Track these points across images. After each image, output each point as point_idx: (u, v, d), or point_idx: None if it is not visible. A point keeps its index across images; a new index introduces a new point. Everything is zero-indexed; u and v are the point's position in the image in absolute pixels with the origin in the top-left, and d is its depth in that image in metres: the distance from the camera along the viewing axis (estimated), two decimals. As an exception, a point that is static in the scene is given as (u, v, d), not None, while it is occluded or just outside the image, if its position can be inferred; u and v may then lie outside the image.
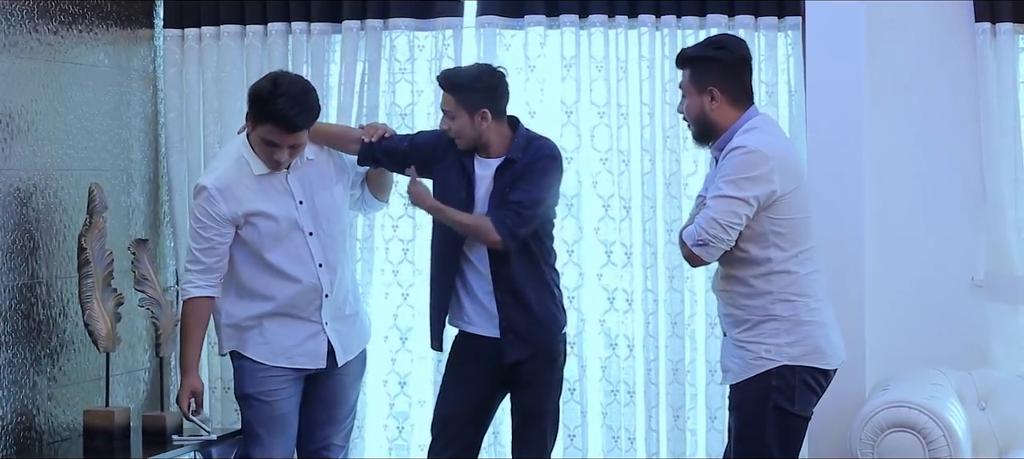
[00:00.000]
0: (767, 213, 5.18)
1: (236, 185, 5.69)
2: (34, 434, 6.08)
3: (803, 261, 5.25)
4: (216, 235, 5.69)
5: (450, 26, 6.80)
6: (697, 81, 5.31)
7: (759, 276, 5.22)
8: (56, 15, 6.31)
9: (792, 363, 5.22)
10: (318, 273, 5.75)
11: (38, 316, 6.12)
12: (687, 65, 5.36)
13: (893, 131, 6.65)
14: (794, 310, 5.22)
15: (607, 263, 6.72)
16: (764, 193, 5.15)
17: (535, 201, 5.71)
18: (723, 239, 5.15)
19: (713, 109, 5.29)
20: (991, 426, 6.30)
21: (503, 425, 6.53)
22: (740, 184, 5.14)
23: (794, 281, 5.22)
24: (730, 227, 5.15)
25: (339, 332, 5.83)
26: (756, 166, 5.15)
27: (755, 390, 5.24)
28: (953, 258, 6.67)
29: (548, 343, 5.85)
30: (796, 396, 5.23)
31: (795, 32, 6.65)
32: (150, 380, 6.83)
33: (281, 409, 5.81)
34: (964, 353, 6.59)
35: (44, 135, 6.20)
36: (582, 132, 6.74)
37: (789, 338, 5.22)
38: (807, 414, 5.32)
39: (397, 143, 5.90)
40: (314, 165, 5.80)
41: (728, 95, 5.30)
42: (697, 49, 5.44)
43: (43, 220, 6.17)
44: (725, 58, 5.32)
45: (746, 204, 5.14)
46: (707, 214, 5.16)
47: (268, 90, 5.59)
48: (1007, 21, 6.51)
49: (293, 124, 5.57)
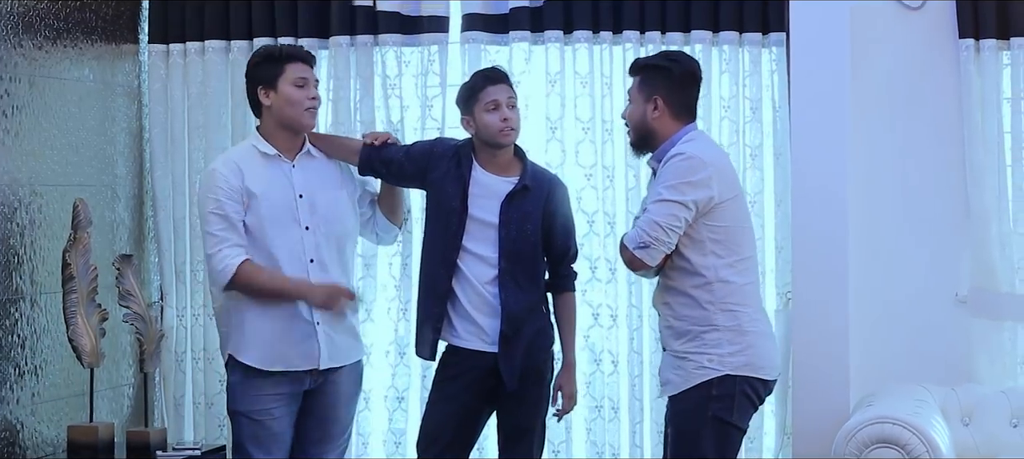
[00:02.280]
0: (705, 220, 5.31)
1: (243, 163, 5.76)
2: (18, 450, 6.07)
3: (741, 271, 5.37)
4: (233, 211, 5.69)
5: (436, 42, 6.81)
6: (644, 88, 5.47)
7: (699, 286, 5.34)
8: (41, 30, 6.30)
9: (733, 373, 5.32)
10: (308, 268, 5.75)
11: (22, 331, 6.11)
12: (638, 72, 5.52)
13: (877, 147, 6.66)
14: (736, 320, 5.32)
15: (592, 278, 6.72)
16: (703, 198, 5.28)
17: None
18: (664, 241, 5.27)
19: (654, 118, 5.44)
20: (975, 442, 6.31)
21: (488, 441, 6.52)
22: (680, 188, 5.28)
23: (733, 291, 5.34)
24: (671, 229, 5.27)
25: (329, 335, 5.81)
26: (695, 171, 5.29)
27: (694, 400, 5.33)
28: (937, 274, 6.68)
29: (540, 360, 5.86)
30: (735, 406, 5.31)
31: (779, 48, 6.66)
32: (134, 396, 6.82)
33: (273, 428, 5.79)
34: (948, 369, 6.60)
35: (29, 150, 6.20)
36: (567, 148, 6.75)
37: (731, 348, 5.31)
38: (744, 426, 5.42)
39: (394, 154, 5.92)
40: (319, 163, 5.87)
41: (671, 107, 5.44)
42: (649, 58, 5.65)
43: (27, 235, 6.17)
44: (674, 70, 5.47)
45: (685, 208, 5.27)
46: (648, 217, 5.30)
47: (266, 49, 5.92)
48: (991, 37, 6.52)
49: (307, 55, 5.85)
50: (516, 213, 5.77)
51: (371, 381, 6.71)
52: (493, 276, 5.77)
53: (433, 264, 5.85)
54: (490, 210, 5.78)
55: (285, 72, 5.75)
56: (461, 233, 5.77)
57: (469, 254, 5.78)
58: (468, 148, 5.86)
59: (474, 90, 5.82)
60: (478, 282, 5.78)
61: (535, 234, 5.79)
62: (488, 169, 5.82)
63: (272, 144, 5.79)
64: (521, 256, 5.77)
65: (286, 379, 5.78)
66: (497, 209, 5.77)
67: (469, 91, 5.85)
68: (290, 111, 5.76)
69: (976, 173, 6.55)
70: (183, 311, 6.96)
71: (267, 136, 5.80)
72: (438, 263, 5.82)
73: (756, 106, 6.68)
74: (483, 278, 5.78)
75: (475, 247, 5.78)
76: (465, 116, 5.85)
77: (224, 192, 5.70)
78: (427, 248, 5.89)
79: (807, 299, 6.34)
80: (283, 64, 5.76)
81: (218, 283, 5.71)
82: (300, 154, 5.84)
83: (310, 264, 5.76)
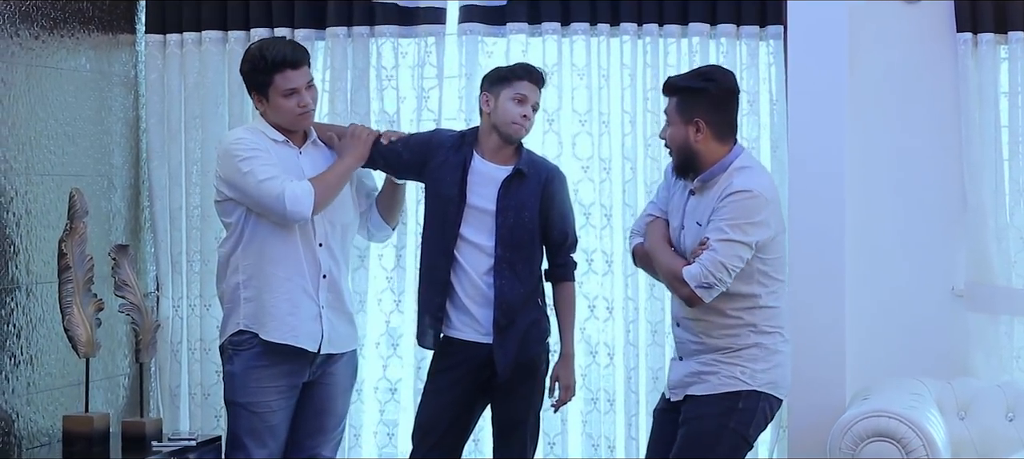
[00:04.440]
0: (758, 254, 5.24)
1: (259, 139, 5.74)
2: (13, 439, 6.06)
3: (779, 296, 5.34)
4: (269, 158, 5.66)
5: (433, 33, 6.81)
6: (683, 111, 5.30)
7: (741, 309, 5.28)
8: (38, 20, 6.29)
9: (760, 389, 5.27)
10: (317, 252, 5.76)
11: (18, 321, 6.10)
12: (674, 93, 5.35)
13: (874, 140, 6.66)
14: (773, 341, 5.31)
15: (588, 271, 6.72)
16: (764, 237, 5.22)
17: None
18: (726, 282, 5.20)
19: (697, 141, 5.29)
20: (971, 436, 6.31)
21: (483, 432, 6.52)
22: (744, 229, 5.17)
23: (774, 314, 5.32)
24: (733, 270, 5.19)
25: (331, 322, 5.81)
26: (759, 211, 5.19)
27: (718, 407, 5.28)
28: (934, 268, 6.68)
29: (535, 352, 5.85)
30: (754, 422, 5.30)
31: (777, 41, 6.66)
32: (130, 386, 6.81)
33: (271, 421, 5.78)
34: (944, 363, 6.60)
35: (25, 139, 6.19)
36: (563, 140, 6.74)
37: (763, 365, 5.28)
38: (753, 442, 5.40)
39: (393, 145, 5.92)
40: (323, 152, 5.87)
41: (714, 128, 5.30)
42: (685, 79, 5.42)
43: (23, 224, 6.16)
44: (713, 90, 5.31)
45: (749, 248, 5.19)
46: (714, 257, 5.16)
47: (257, 52, 5.77)
48: (988, 31, 6.54)
49: (296, 57, 5.72)
50: (513, 201, 5.76)
51: (363, 371, 6.71)
52: (490, 266, 5.76)
53: (432, 253, 5.84)
54: (487, 197, 5.77)
55: (273, 83, 5.69)
56: (459, 221, 5.77)
57: (467, 243, 5.77)
58: (472, 136, 5.86)
59: (510, 76, 5.79)
60: (475, 272, 5.77)
61: (532, 222, 5.78)
62: (487, 158, 5.82)
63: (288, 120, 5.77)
64: (518, 244, 5.76)
65: (286, 371, 5.77)
66: (494, 196, 5.77)
67: (504, 74, 5.82)
68: (282, 119, 5.75)
69: (973, 167, 6.55)
70: (179, 301, 6.96)
71: (278, 114, 5.77)
72: (437, 252, 5.81)
73: (753, 99, 6.68)
74: (480, 268, 5.77)
75: (473, 235, 5.77)
76: (487, 94, 5.82)
77: (259, 144, 5.69)
78: (426, 238, 5.88)
79: (803, 292, 6.34)
80: (271, 75, 5.69)
81: (301, 214, 5.62)
82: (305, 143, 5.84)
83: (319, 248, 5.77)
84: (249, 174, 5.64)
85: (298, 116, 5.74)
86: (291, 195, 5.61)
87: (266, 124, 5.78)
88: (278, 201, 5.62)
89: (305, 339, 5.75)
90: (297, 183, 5.64)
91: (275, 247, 5.72)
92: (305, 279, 5.74)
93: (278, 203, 5.62)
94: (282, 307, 5.72)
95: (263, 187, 5.63)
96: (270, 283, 5.72)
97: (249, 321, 5.75)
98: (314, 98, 5.79)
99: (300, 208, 5.62)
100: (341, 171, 5.78)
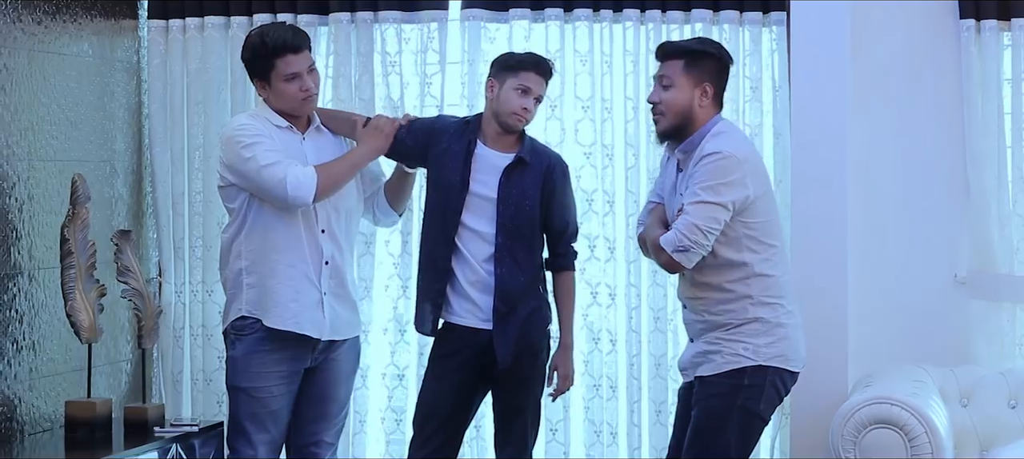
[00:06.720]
0: (740, 217, 5.24)
1: (263, 125, 5.74)
2: (15, 425, 6.07)
3: (775, 263, 5.32)
4: (272, 144, 5.66)
5: (435, 19, 6.80)
6: (692, 74, 5.34)
7: (737, 280, 5.29)
8: (40, 5, 6.29)
9: (766, 364, 5.26)
10: (320, 238, 5.75)
11: (20, 306, 6.11)
12: (681, 56, 5.37)
13: (877, 127, 6.66)
14: (775, 313, 5.29)
15: (590, 257, 6.71)
16: (739, 198, 5.21)
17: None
18: (702, 244, 5.20)
19: (702, 105, 5.34)
20: (973, 423, 6.31)
21: (485, 419, 6.52)
22: (717, 189, 5.19)
23: (771, 283, 5.30)
24: (709, 232, 5.19)
25: (333, 308, 5.81)
26: (731, 171, 5.20)
27: (725, 386, 5.28)
28: (936, 255, 6.68)
29: (536, 338, 5.85)
30: (764, 397, 5.28)
31: (780, 27, 6.65)
32: (132, 372, 6.82)
33: (272, 406, 5.78)
34: (946, 350, 6.60)
35: (27, 125, 6.19)
36: (566, 126, 6.74)
37: (767, 339, 5.28)
38: (768, 417, 5.39)
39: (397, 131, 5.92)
40: (327, 138, 5.87)
41: (716, 95, 5.37)
42: (692, 43, 5.50)
43: (26, 210, 6.16)
44: (723, 57, 5.39)
45: (723, 209, 5.19)
46: (687, 220, 5.20)
47: (257, 38, 5.77)
48: (992, 18, 6.52)
49: (296, 41, 5.71)
50: (514, 189, 5.76)
51: (369, 358, 6.72)
52: (490, 253, 5.76)
53: (433, 240, 5.84)
54: (489, 185, 5.77)
55: (275, 67, 5.69)
56: (460, 208, 5.77)
57: (468, 230, 5.77)
58: (476, 123, 5.85)
59: (517, 66, 5.79)
60: (475, 260, 5.77)
61: (533, 210, 5.78)
62: (490, 145, 5.81)
63: (291, 105, 5.77)
64: (519, 232, 5.76)
65: (288, 356, 5.77)
66: (496, 184, 5.76)
67: (512, 63, 5.81)
68: (285, 105, 5.75)
69: (976, 154, 6.55)
70: (181, 287, 6.96)
71: (281, 99, 5.76)
72: (438, 239, 5.81)
73: (756, 86, 6.67)
74: (481, 256, 5.77)
75: (474, 223, 5.77)
76: (493, 80, 5.82)
77: (263, 130, 5.69)
78: (427, 224, 5.88)
79: (806, 279, 6.33)
80: (272, 60, 5.70)
81: (304, 199, 5.62)
82: (309, 129, 5.84)
83: (321, 234, 5.76)
84: (251, 160, 5.64)
85: (301, 101, 5.74)
86: (293, 180, 5.61)
87: (269, 110, 5.78)
88: (280, 186, 5.62)
89: (308, 326, 5.75)
90: (300, 168, 5.64)
91: (278, 233, 5.72)
92: (307, 265, 5.74)
93: (280, 188, 5.62)
94: (285, 293, 5.72)
95: (265, 172, 5.63)
96: (273, 269, 5.72)
97: (252, 307, 5.76)
98: (316, 82, 5.78)
99: (302, 193, 5.62)
100: (354, 160, 5.79)
